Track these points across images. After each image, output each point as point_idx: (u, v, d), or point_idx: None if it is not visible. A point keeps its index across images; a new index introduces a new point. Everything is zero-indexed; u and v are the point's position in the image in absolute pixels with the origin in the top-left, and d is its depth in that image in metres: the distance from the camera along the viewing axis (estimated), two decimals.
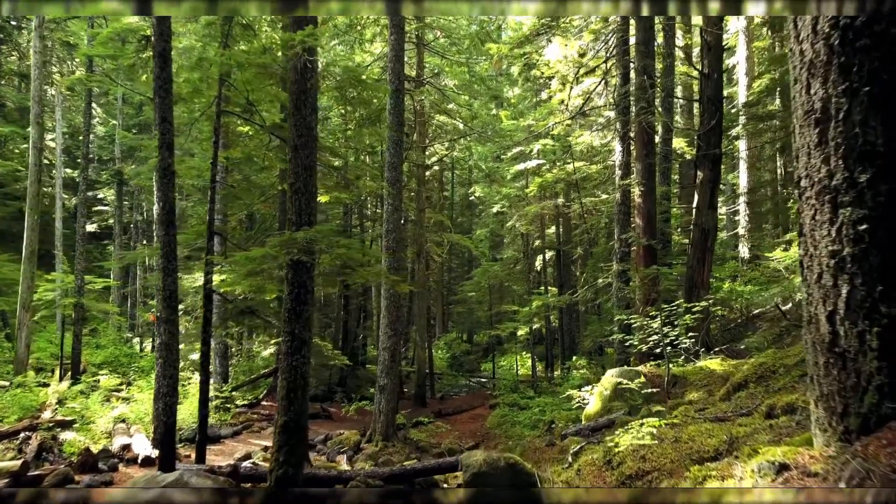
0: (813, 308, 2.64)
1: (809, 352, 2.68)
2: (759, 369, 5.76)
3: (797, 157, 2.86)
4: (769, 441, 3.25)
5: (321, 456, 13.23)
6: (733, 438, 3.52)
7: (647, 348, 9.15)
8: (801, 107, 2.77)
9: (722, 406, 5.10)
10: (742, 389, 5.67)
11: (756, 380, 5.65)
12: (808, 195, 2.69)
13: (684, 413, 5.31)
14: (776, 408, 3.93)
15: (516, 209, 24.93)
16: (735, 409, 4.71)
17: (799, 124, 2.82)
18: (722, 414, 4.54)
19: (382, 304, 14.60)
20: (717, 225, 12.59)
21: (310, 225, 7.09)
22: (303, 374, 7.00)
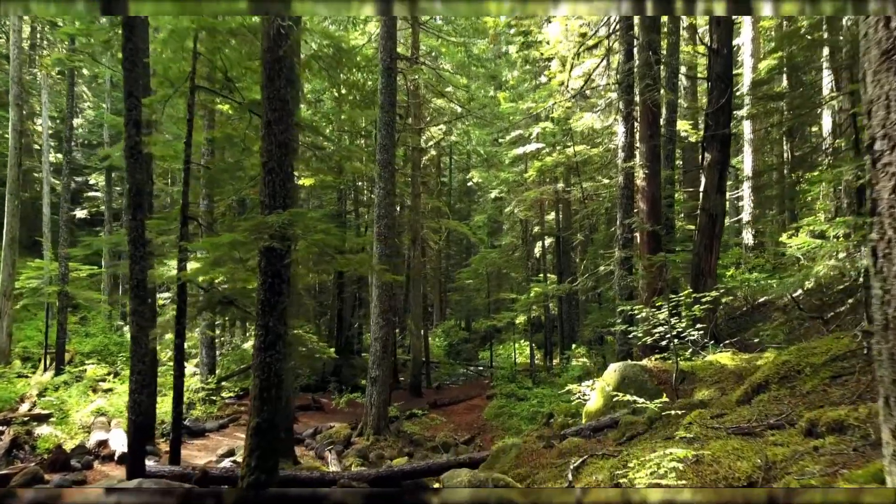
0: (893, 310, 1.99)
1: (885, 366, 2.04)
2: (782, 368, 5.15)
3: (869, 112, 2.20)
4: (820, 472, 2.66)
5: (309, 451, 12.68)
6: (770, 464, 2.93)
7: (652, 341, 8.53)
8: (877, 46, 2.10)
9: (743, 412, 4.49)
10: (763, 391, 5.06)
11: (779, 380, 5.05)
12: (886, 160, 2.04)
13: (700, 420, 4.70)
14: (819, 424, 3.31)
15: (515, 195, 24.25)
16: (760, 418, 4.10)
17: (872, 70, 2.15)
18: (746, 425, 3.94)
19: (374, 293, 14.00)
20: (724, 210, 11.95)
21: (284, 208, 6.44)
22: (277, 371, 6.39)
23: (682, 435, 4.10)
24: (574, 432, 7.41)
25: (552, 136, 20.81)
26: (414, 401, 19.92)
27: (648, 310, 8.16)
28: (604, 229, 22.08)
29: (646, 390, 7.81)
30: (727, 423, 4.18)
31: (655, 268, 7.47)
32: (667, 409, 6.48)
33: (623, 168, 12.64)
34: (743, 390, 5.38)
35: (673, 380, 7.58)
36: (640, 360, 11.71)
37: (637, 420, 6.62)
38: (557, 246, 24.91)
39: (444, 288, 36.19)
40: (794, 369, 5.07)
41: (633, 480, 3.27)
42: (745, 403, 5.16)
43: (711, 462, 3.18)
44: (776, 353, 7.42)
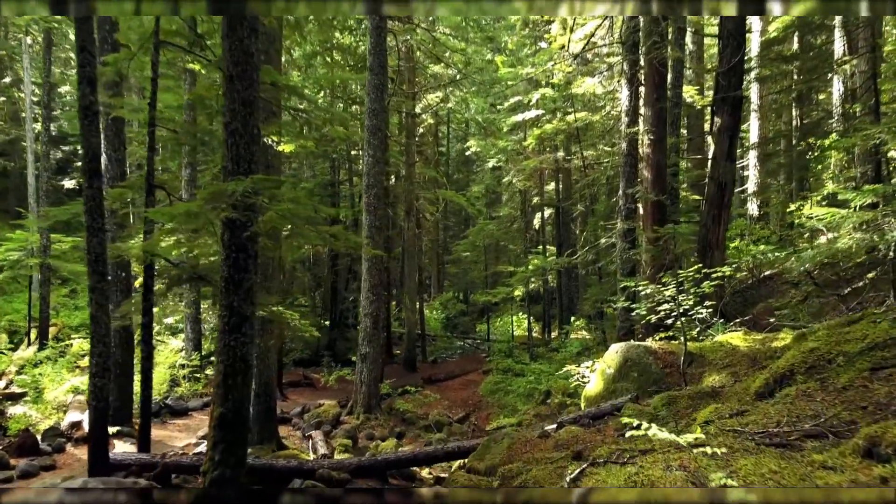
0: None
1: None
2: (809, 356, 4.51)
3: None
4: None
5: (296, 431, 12.17)
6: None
7: (657, 319, 7.90)
8: None
9: (768, 410, 3.85)
10: (788, 383, 4.42)
11: (806, 371, 4.41)
12: None
13: (717, 419, 4.07)
14: (881, 443, 2.67)
15: (513, 164, 23.44)
16: (792, 420, 3.46)
17: None
18: (777, 430, 3.30)
19: (363, 267, 13.34)
20: (734, 178, 11.22)
21: (250, 174, 5.73)
22: (243, 356, 5.75)
23: (697, 439, 3.47)
24: (572, 420, 6.82)
25: (552, 101, 19.91)
26: (408, 376, 19.44)
27: (654, 286, 7.50)
28: (604, 200, 21.33)
29: (650, 374, 7.21)
30: (751, 425, 3.54)
31: (664, 241, 6.80)
32: (674, 397, 5.87)
33: (626, 134, 11.86)
34: (763, 380, 4.74)
35: (680, 363, 6.96)
36: (642, 339, 11.11)
37: (642, 409, 6.01)
38: (557, 217, 24.19)
39: (441, 260, 35.56)
40: (823, 358, 4.42)
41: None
42: (767, 397, 4.52)
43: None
44: (794, 334, 6.79)
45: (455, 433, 13.26)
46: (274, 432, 10.42)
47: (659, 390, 7.02)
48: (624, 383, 7.35)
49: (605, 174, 18.09)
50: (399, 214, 22.90)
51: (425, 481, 7.71)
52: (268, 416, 10.28)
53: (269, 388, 10.29)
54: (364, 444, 12.04)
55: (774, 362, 5.07)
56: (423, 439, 12.72)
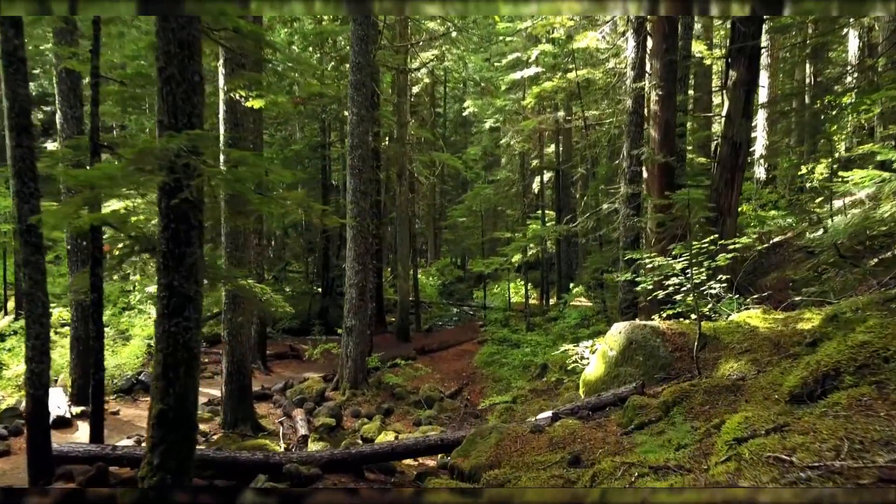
0: None
1: None
2: (859, 353, 3.68)
3: None
4: None
5: (277, 409, 11.48)
6: None
7: (665, 294, 7.08)
8: None
9: (816, 424, 3.02)
10: (833, 385, 3.60)
11: (856, 370, 3.59)
12: None
13: (750, 436, 3.23)
14: None
15: (511, 124, 22.34)
16: (854, 449, 2.65)
17: None
18: (841, 465, 2.49)
19: (348, 235, 12.47)
20: (749, 138, 10.27)
21: (191, 129, 4.81)
22: (186, 344, 4.93)
23: (728, 471, 2.66)
24: (569, 411, 6.04)
25: (553, 57, 18.72)
26: (401, 346, 18.76)
27: (663, 259, 6.65)
28: (606, 163, 20.32)
29: (657, 358, 6.41)
30: (800, 451, 2.73)
31: (676, 208, 5.95)
32: (687, 391, 5.07)
33: (632, 89, 10.84)
34: (799, 378, 3.92)
35: (692, 346, 6.15)
36: (646, 314, 10.31)
37: (649, 403, 5.22)
38: (557, 180, 23.20)
39: (438, 225, 34.63)
40: (878, 355, 3.59)
41: None
42: (807, 402, 3.70)
43: None
44: (821, 314, 5.96)
45: (446, 409, 12.59)
46: (249, 413, 9.72)
47: (667, 377, 6.23)
48: (628, 368, 6.56)
49: (608, 134, 17.03)
50: (392, 178, 21.92)
51: (406, 475, 7.00)
52: (242, 397, 9.55)
53: (243, 366, 9.53)
54: (349, 424, 11.37)
55: (812, 355, 4.24)
56: (411, 416, 12.06)
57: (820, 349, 4.30)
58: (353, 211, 12.25)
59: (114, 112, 16.31)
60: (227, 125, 9.22)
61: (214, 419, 9.76)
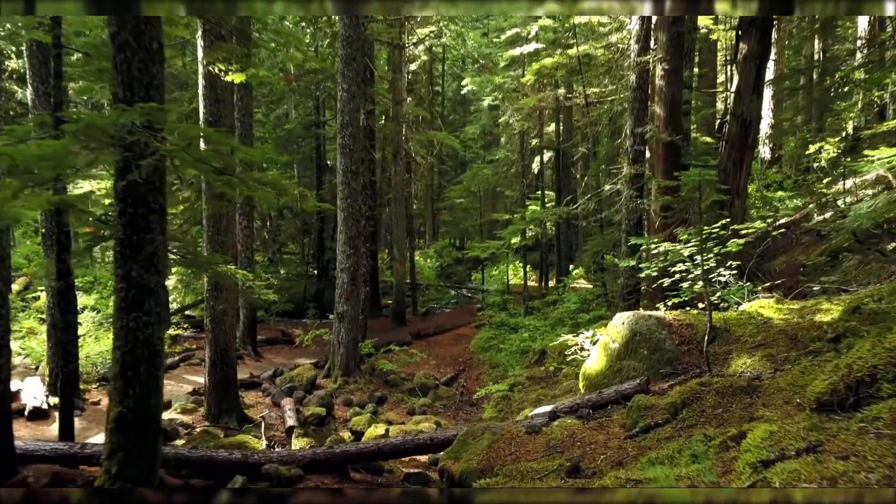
0: None
1: None
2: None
3: None
4: None
5: (266, 397, 11.08)
6: None
7: (671, 282, 6.62)
8: None
9: (857, 445, 2.58)
10: (870, 395, 3.16)
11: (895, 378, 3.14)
12: None
13: (777, 457, 2.78)
14: None
15: (511, 102, 21.69)
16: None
17: None
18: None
19: (339, 217, 11.97)
20: (760, 115, 9.74)
21: (148, 101, 4.31)
22: (147, 340, 4.48)
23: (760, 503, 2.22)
24: (568, 409, 5.61)
25: (553, 32, 18.06)
26: (397, 330, 18.37)
27: (669, 244, 6.18)
28: (606, 143, 19.74)
29: (663, 351, 5.97)
30: (842, 482, 2.29)
31: (686, 190, 5.49)
32: (698, 391, 4.63)
33: (637, 63, 10.27)
34: (827, 383, 3.47)
35: (700, 339, 5.70)
36: (649, 301, 9.87)
37: (656, 404, 4.78)
38: (557, 160, 22.64)
39: (436, 206, 34.08)
40: None
41: None
42: (838, 410, 3.26)
43: None
44: (842, 304, 5.51)
45: (441, 397, 12.21)
46: (235, 403, 9.32)
47: (674, 372, 5.80)
48: (631, 361, 6.12)
49: (610, 112, 16.43)
50: (388, 158, 21.36)
51: (395, 473, 6.60)
52: (226, 387, 9.14)
53: (227, 355, 9.11)
54: (340, 413, 10.99)
55: (842, 357, 3.79)
56: (405, 405, 11.69)
57: (849, 349, 3.85)
58: (343, 192, 11.76)
59: (93, 88, 15.70)
60: (207, 101, 8.68)
61: (198, 410, 9.36)
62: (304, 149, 25.89)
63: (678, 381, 5.54)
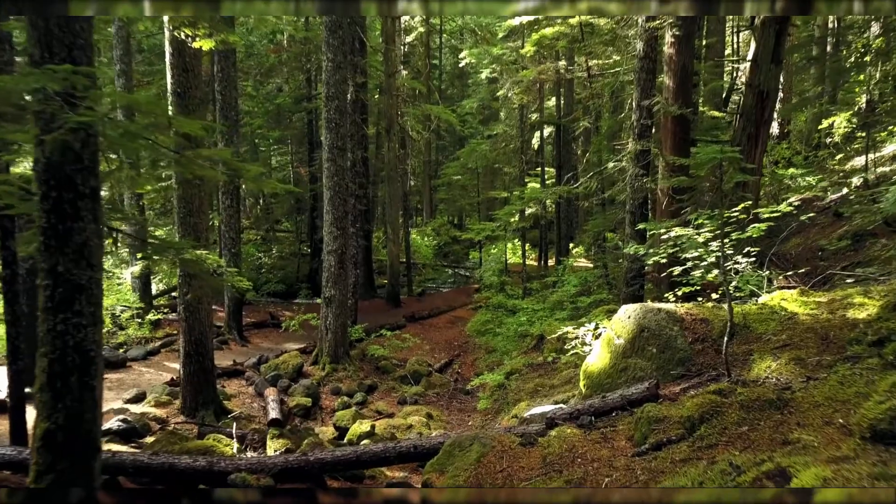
0: None
1: None
2: None
3: None
4: None
5: (249, 386, 10.52)
6: None
7: (682, 270, 5.97)
8: None
9: None
10: None
11: None
12: None
13: None
14: None
15: (509, 75, 20.81)
16: None
17: None
18: None
19: (325, 197, 11.28)
20: (779, 86, 9.00)
21: (72, 63, 3.61)
22: (79, 345, 3.85)
23: None
24: (567, 415, 5.00)
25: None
26: (390, 312, 17.79)
27: (682, 229, 5.51)
28: (608, 118, 18.94)
29: (674, 350, 5.35)
30: None
31: (705, 170, 4.82)
32: (718, 404, 4.01)
33: (644, 30, 9.48)
34: (885, 409, 2.85)
35: (722, 341, 5.08)
36: (655, 287, 9.24)
37: (668, 416, 4.16)
38: (557, 136, 21.84)
39: (433, 183, 33.31)
40: None
41: None
42: (890, 429, 2.64)
43: None
44: (881, 298, 4.87)
45: (434, 385, 11.66)
46: (212, 396, 8.74)
47: (687, 374, 5.18)
48: (638, 360, 5.50)
49: (613, 85, 15.62)
50: (382, 132, 20.56)
51: (378, 479, 6.02)
52: (203, 379, 8.55)
53: (203, 345, 8.50)
54: (327, 403, 10.44)
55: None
56: (396, 393, 11.14)
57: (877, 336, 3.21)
58: (329, 170, 11.05)
59: None
60: (175, 71, 7.94)
61: (174, 402, 8.79)
62: (296, 124, 25.05)
63: (692, 385, 4.93)
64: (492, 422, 9.42)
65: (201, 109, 8.20)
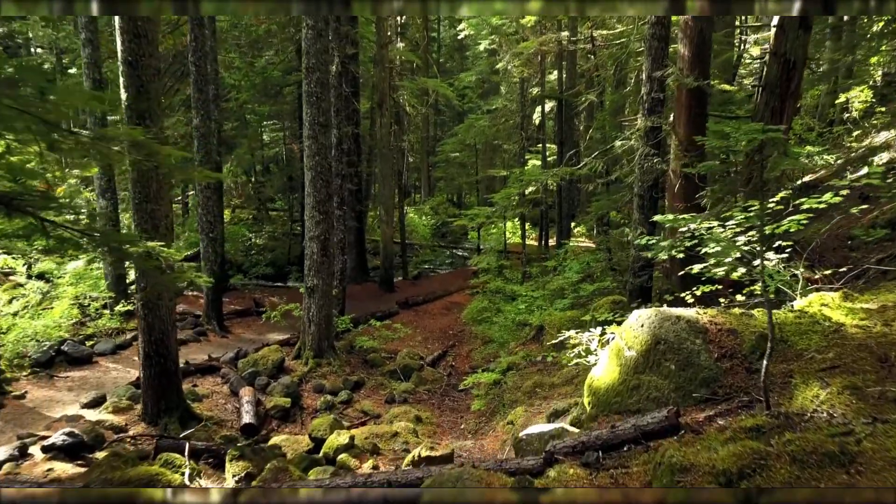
0: None
1: None
2: None
3: None
4: None
5: (224, 385, 9.73)
6: None
7: (702, 268, 5.12)
8: None
9: None
10: None
11: None
12: None
13: None
14: None
15: (509, 46, 19.70)
16: None
17: None
18: None
19: (306, 178, 10.37)
20: (806, 55, 8.02)
21: None
22: None
23: None
24: (569, 449, 4.18)
25: None
26: (383, 297, 16.99)
27: (707, 221, 4.64)
28: (611, 93, 17.90)
29: (696, 367, 4.51)
30: None
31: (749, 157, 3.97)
32: (760, 453, 3.18)
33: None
34: None
35: (762, 367, 4.24)
36: (665, 278, 8.38)
37: (695, 464, 3.33)
38: (559, 111, 20.80)
39: (431, 160, 32.26)
40: None
41: None
42: None
43: None
44: None
45: (426, 380, 10.89)
46: (177, 401, 7.94)
47: (713, 397, 4.35)
48: (653, 377, 4.67)
49: (619, 56, 14.55)
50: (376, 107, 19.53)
51: None
52: (166, 383, 7.75)
53: (165, 345, 7.67)
54: (309, 402, 9.66)
55: None
56: (384, 391, 10.36)
57: None
58: (311, 148, 10.14)
59: None
60: (126, 36, 6.98)
61: (135, 407, 8.00)
62: (287, 98, 23.96)
63: (720, 412, 4.10)
64: (486, 425, 8.65)
65: (157, 81, 7.26)
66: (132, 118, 7.16)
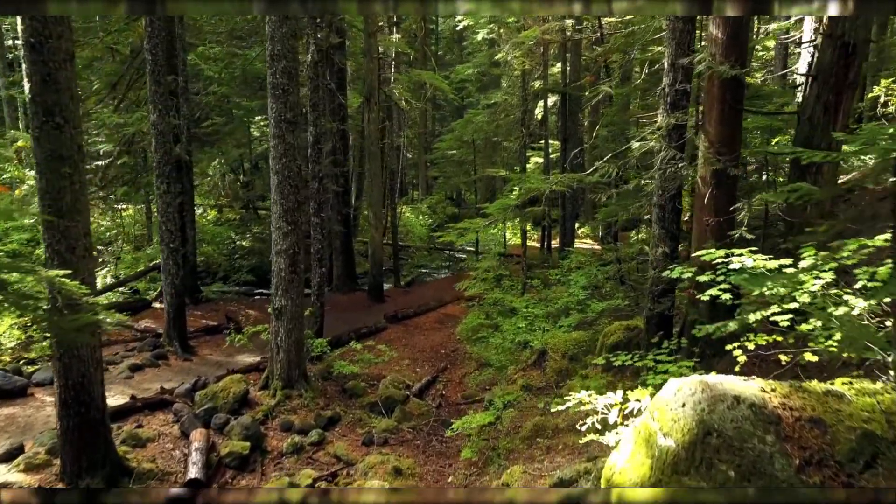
0: None
1: None
2: None
3: None
4: None
5: (174, 425, 8.35)
6: None
7: (760, 317, 3.74)
8: None
9: None
10: None
11: None
12: None
13: None
14: None
15: (509, 35, 18.27)
16: None
17: None
18: None
19: (272, 183, 8.99)
20: (869, 38, 6.62)
21: None
22: None
23: None
24: None
25: None
26: (372, 309, 15.63)
27: (775, 262, 3.26)
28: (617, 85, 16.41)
29: (766, 476, 3.12)
30: None
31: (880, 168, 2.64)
32: None
33: None
34: None
35: (839, 455, 2.85)
36: (691, 306, 6.97)
37: None
38: (563, 105, 19.37)
39: (427, 158, 30.82)
40: None
41: None
42: None
43: None
44: None
45: (412, 415, 9.52)
46: (103, 453, 6.59)
47: None
48: (701, 482, 3.29)
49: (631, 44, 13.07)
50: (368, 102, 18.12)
51: None
52: (88, 433, 6.40)
53: (86, 391, 6.32)
54: (274, 444, 8.32)
55: None
56: (363, 428, 8.99)
57: None
58: (277, 149, 8.76)
59: None
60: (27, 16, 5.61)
61: (53, 463, 6.64)
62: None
63: None
64: (477, 480, 7.29)
65: (70, 68, 5.89)
66: (38, 114, 5.81)
